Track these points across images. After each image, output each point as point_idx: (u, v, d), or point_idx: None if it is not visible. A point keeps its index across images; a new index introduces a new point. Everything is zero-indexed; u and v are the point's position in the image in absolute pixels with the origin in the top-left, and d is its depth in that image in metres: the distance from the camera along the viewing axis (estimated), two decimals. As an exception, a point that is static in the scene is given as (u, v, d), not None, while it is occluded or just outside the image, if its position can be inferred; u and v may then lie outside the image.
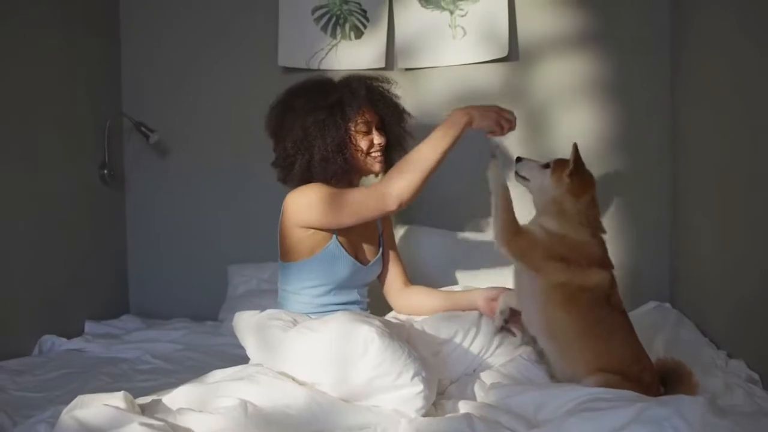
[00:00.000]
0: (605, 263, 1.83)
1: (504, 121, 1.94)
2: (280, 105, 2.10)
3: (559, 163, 1.88)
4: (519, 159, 2.00)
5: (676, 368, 1.72)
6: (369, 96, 2.09)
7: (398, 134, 2.16)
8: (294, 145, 2.02)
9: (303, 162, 2.01)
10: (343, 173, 2.03)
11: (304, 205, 1.96)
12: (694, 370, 1.71)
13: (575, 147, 1.85)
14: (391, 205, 1.88)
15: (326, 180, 2.02)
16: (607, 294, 1.77)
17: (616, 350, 1.71)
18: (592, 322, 1.73)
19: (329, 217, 1.94)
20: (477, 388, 1.81)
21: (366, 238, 2.15)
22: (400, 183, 1.87)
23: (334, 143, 2.00)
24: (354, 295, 2.09)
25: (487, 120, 1.93)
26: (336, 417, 1.57)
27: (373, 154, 2.09)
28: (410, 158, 1.90)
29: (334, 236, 2.01)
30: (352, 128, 2.04)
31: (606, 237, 1.88)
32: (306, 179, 2.03)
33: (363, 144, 2.06)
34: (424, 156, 1.88)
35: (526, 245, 1.80)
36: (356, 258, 2.07)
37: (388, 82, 2.19)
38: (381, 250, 2.20)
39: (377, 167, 2.11)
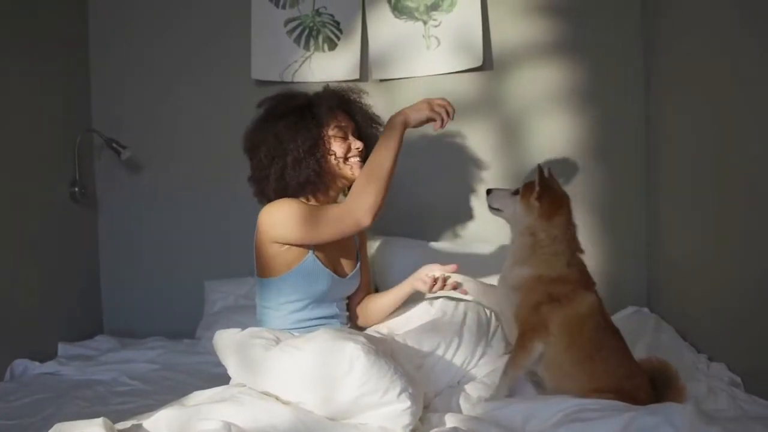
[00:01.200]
0: (588, 284, 1.83)
1: (437, 107, 1.94)
2: (253, 122, 2.09)
3: (527, 187, 1.87)
4: (489, 191, 1.99)
5: (662, 369, 1.73)
6: (340, 102, 2.09)
7: (374, 140, 2.12)
8: (268, 154, 1.99)
9: (277, 170, 1.98)
10: (316, 177, 1.99)
11: (280, 221, 1.93)
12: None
13: (539, 168, 1.84)
14: (365, 220, 1.89)
15: (300, 187, 2.00)
16: (604, 314, 1.78)
17: (610, 370, 1.71)
18: (591, 350, 1.73)
19: (307, 231, 1.92)
20: (462, 401, 1.79)
21: (343, 252, 2.12)
22: (367, 198, 1.87)
23: (305, 145, 1.97)
24: (333, 309, 2.06)
25: (421, 113, 1.94)
26: (322, 437, 1.55)
27: (351, 160, 2.06)
28: (368, 171, 1.90)
29: (311, 251, 1.99)
30: (326, 132, 2.02)
31: (584, 250, 1.88)
32: (281, 189, 2.00)
33: (339, 149, 2.03)
34: (379, 166, 1.88)
35: (535, 320, 1.77)
36: (334, 271, 2.05)
37: (359, 92, 2.18)
38: (359, 263, 2.18)
39: (355, 173, 2.06)
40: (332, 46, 2.87)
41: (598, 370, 1.69)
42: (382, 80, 2.86)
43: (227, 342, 1.86)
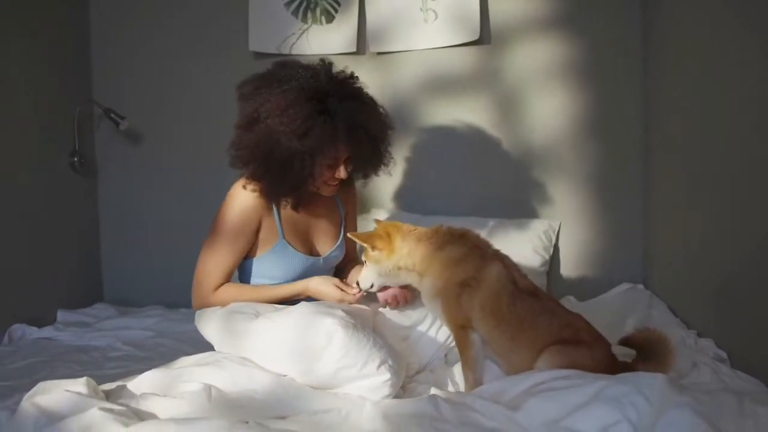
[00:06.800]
0: (483, 250, 1.84)
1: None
2: (252, 95, 1.92)
3: (365, 249, 1.89)
4: (358, 283, 1.94)
5: (660, 342, 1.71)
6: (353, 137, 1.92)
7: (367, 169, 2.08)
8: (252, 156, 1.91)
9: (254, 171, 1.92)
10: (289, 193, 1.97)
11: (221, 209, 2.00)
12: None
13: (354, 236, 1.89)
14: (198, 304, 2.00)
15: (268, 193, 1.98)
16: (513, 280, 1.78)
17: (544, 329, 1.71)
18: (517, 321, 1.73)
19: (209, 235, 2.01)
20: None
21: (321, 231, 2.13)
22: (221, 301, 1.95)
23: (292, 181, 1.91)
24: None
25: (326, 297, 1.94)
26: (301, 401, 1.57)
27: (329, 183, 2.00)
28: (246, 297, 1.94)
29: (280, 236, 2.01)
30: (319, 166, 1.91)
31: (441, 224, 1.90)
32: (251, 180, 1.96)
33: (323, 174, 1.95)
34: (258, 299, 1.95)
35: (459, 315, 1.78)
36: (310, 253, 2.06)
37: (386, 126, 2.05)
38: (341, 236, 2.17)
39: (327, 194, 2.05)
40: (330, 18, 2.86)
41: (534, 336, 1.70)
42: (379, 53, 2.85)
43: (209, 319, 1.88)
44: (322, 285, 1.94)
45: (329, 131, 1.86)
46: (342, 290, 1.92)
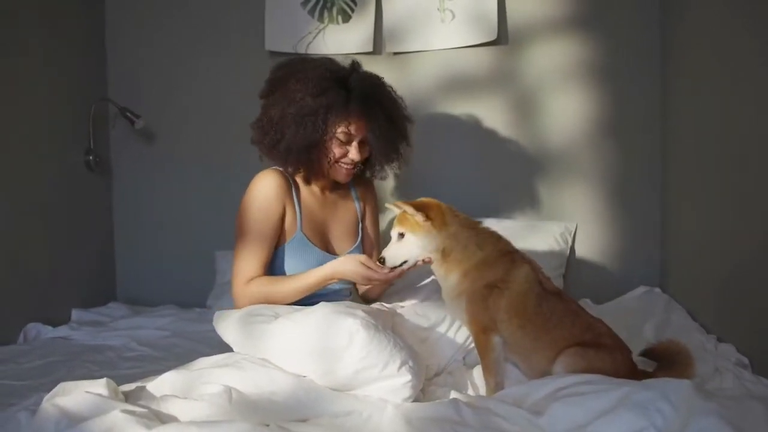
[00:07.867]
0: (513, 254, 1.82)
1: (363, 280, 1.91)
2: (282, 73, 2.04)
3: (405, 221, 1.80)
4: (383, 260, 1.82)
5: (681, 352, 1.71)
6: (367, 110, 1.99)
7: (384, 155, 2.10)
8: (269, 122, 1.99)
9: (270, 140, 1.99)
10: (302, 168, 2.01)
11: (243, 201, 2.01)
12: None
13: (397, 205, 1.81)
14: (235, 301, 1.98)
15: (285, 166, 2.02)
16: (539, 281, 1.77)
17: (567, 331, 1.71)
18: (542, 322, 1.73)
19: (237, 229, 2.01)
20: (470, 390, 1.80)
21: (339, 229, 2.12)
22: (252, 300, 1.93)
23: (304, 142, 1.95)
24: (334, 284, 2.02)
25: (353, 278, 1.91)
26: (322, 404, 1.55)
27: (342, 165, 2.03)
28: (270, 297, 1.93)
29: (299, 228, 2.01)
30: (332, 133, 1.97)
31: (481, 221, 1.89)
32: (269, 156, 2.04)
33: (335, 151, 2.00)
34: (281, 299, 1.93)
35: (485, 317, 1.75)
36: (326, 250, 2.05)
37: (399, 107, 2.10)
38: (360, 238, 2.17)
39: (341, 178, 2.07)
40: (346, 18, 2.85)
41: (556, 337, 1.70)
42: (395, 53, 2.84)
43: (227, 321, 1.86)
44: (346, 264, 1.89)
45: (343, 96, 1.96)
46: (369, 268, 1.84)
